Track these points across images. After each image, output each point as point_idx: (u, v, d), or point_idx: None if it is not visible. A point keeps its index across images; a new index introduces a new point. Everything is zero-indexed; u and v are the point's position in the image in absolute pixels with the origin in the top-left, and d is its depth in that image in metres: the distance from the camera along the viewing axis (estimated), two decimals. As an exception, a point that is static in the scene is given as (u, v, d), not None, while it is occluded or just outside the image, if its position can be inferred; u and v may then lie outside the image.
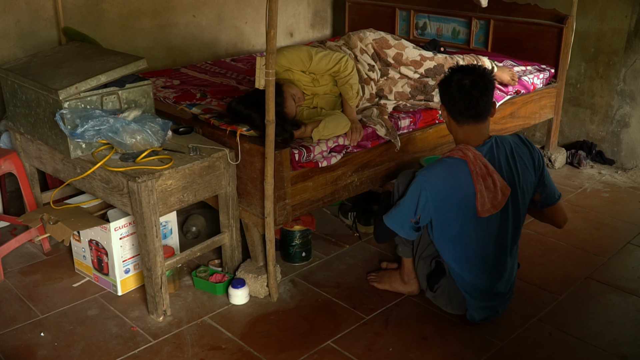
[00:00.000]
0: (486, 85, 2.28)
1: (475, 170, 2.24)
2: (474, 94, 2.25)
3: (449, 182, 2.26)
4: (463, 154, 2.26)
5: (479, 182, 2.23)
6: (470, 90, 2.26)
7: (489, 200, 2.25)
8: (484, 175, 2.24)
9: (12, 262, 2.91)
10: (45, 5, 3.46)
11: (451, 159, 2.29)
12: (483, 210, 2.25)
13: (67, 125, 2.41)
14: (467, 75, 2.28)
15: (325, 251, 3.04)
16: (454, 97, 2.29)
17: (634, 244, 3.10)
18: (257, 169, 2.51)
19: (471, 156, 2.25)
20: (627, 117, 3.96)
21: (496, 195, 2.25)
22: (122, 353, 2.31)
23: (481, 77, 2.28)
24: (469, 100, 2.26)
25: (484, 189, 2.24)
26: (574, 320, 2.52)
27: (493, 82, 2.32)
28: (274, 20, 2.16)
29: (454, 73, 2.32)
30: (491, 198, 2.25)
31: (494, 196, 2.25)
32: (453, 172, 2.26)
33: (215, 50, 4.34)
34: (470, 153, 2.26)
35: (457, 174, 2.26)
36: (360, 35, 3.15)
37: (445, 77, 2.35)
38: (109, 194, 2.46)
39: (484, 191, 2.24)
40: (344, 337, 2.41)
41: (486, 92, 2.28)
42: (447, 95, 2.33)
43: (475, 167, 2.24)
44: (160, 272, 2.43)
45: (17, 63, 2.78)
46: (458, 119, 2.32)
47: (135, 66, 2.58)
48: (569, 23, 3.72)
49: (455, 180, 2.26)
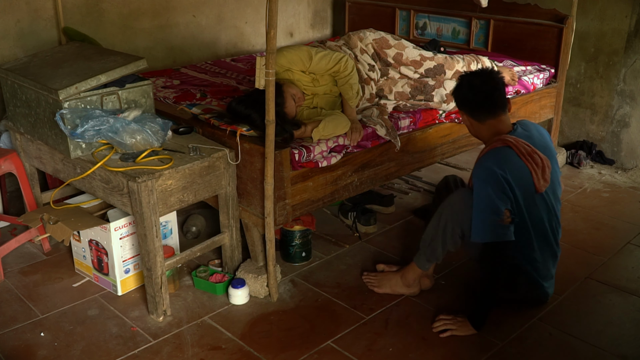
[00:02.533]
0: (495, 80, 2.41)
1: (521, 151, 2.33)
2: (486, 89, 2.39)
3: (505, 166, 2.31)
4: (503, 141, 2.36)
5: (529, 161, 2.33)
6: (481, 87, 2.39)
7: (541, 175, 2.35)
8: (530, 153, 2.34)
9: (12, 262, 2.91)
10: (45, 5, 3.46)
11: (496, 150, 2.36)
12: (540, 186, 2.35)
13: (67, 125, 2.41)
14: (476, 76, 2.44)
15: (325, 251, 3.04)
16: (469, 98, 2.43)
17: (634, 244, 3.10)
18: (257, 169, 2.51)
19: (512, 140, 2.35)
20: (627, 117, 3.96)
21: (544, 169, 2.36)
22: (122, 353, 2.31)
23: (489, 74, 2.43)
24: (483, 95, 2.39)
25: (535, 166, 2.34)
26: (574, 320, 2.52)
27: (502, 78, 2.45)
28: (274, 20, 2.16)
29: (464, 78, 2.46)
30: (541, 173, 2.35)
31: (542, 170, 2.36)
32: (504, 157, 2.33)
33: (215, 50, 4.34)
34: (509, 138, 2.36)
35: (508, 159, 2.33)
36: (360, 35, 3.15)
37: (457, 84, 2.49)
38: (109, 194, 2.46)
39: (536, 168, 2.34)
40: (344, 337, 2.41)
41: (497, 87, 2.41)
42: (463, 97, 2.46)
43: (520, 148, 2.33)
44: (160, 272, 2.43)
45: (17, 63, 2.78)
46: (479, 117, 2.43)
47: (135, 66, 2.58)
48: (569, 23, 3.72)
49: (509, 164, 2.32)
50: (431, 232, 2.52)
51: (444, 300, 2.64)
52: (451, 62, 3.20)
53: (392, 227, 3.28)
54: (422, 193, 3.70)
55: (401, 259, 2.96)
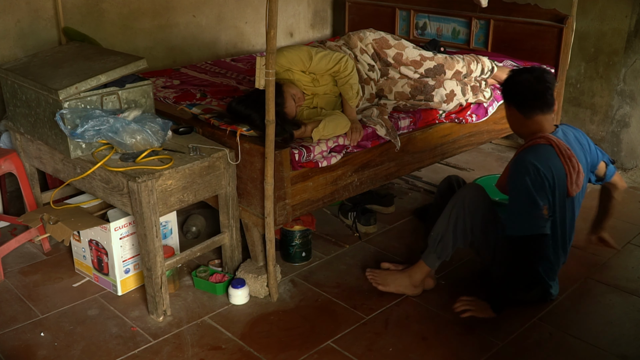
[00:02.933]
0: (549, 80, 2.43)
1: (562, 152, 2.35)
2: (540, 87, 2.40)
3: (546, 163, 2.33)
4: (547, 140, 2.37)
5: (567, 163, 2.35)
6: (536, 84, 2.40)
7: (575, 179, 2.37)
8: (569, 156, 2.36)
9: (12, 262, 2.91)
10: (45, 5, 3.46)
11: (538, 146, 2.38)
12: (572, 190, 2.37)
13: (67, 125, 2.41)
14: (531, 72, 2.45)
15: (325, 251, 3.04)
16: (521, 92, 2.43)
17: (634, 244, 3.10)
18: (257, 169, 2.51)
19: (554, 139, 2.37)
20: (627, 117, 3.96)
21: (579, 174, 2.38)
22: (122, 353, 2.31)
23: (543, 72, 2.44)
24: (536, 92, 2.40)
25: (572, 169, 2.36)
26: (574, 320, 2.52)
27: (554, 78, 2.49)
28: (274, 20, 2.16)
29: (518, 73, 2.48)
30: (576, 178, 2.37)
31: (577, 176, 2.38)
32: (545, 154, 2.35)
33: (215, 50, 4.34)
34: (552, 137, 2.38)
35: (549, 157, 2.35)
36: (360, 35, 3.15)
37: (510, 78, 2.49)
38: (109, 194, 2.46)
39: (572, 171, 2.36)
40: (344, 337, 2.41)
41: (550, 87, 2.42)
42: (514, 91, 2.46)
43: (561, 148, 2.35)
44: (160, 272, 2.43)
45: (17, 63, 2.78)
46: (527, 113, 2.43)
47: (135, 66, 2.58)
48: (569, 23, 3.72)
49: (550, 162, 2.34)
50: (441, 229, 2.53)
51: (444, 300, 2.64)
52: (451, 62, 3.20)
53: (392, 227, 3.28)
54: (422, 193, 3.70)
55: (401, 258, 2.96)
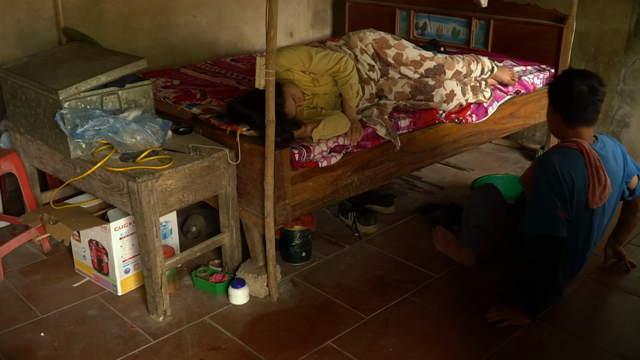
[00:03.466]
0: (603, 92, 2.34)
1: (590, 162, 2.29)
2: (592, 100, 2.31)
3: (569, 167, 2.28)
4: (578, 146, 2.31)
5: (593, 173, 2.30)
6: (589, 95, 2.31)
7: (598, 193, 2.31)
8: (597, 168, 2.30)
9: (12, 262, 2.91)
10: (45, 5, 3.46)
11: (568, 149, 2.33)
12: (593, 202, 2.32)
13: (67, 125, 2.41)
14: (585, 80, 2.32)
15: (325, 251, 3.04)
16: (571, 102, 2.33)
17: (634, 244, 3.10)
18: (257, 169, 2.51)
19: (587, 148, 2.31)
20: (627, 117, 3.96)
21: (604, 189, 2.32)
22: (122, 353, 2.31)
23: (598, 83, 2.33)
24: (586, 106, 2.31)
25: (596, 181, 2.30)
26: (574, 320, 2.52)
27: (605, 89, 2.36)
28: (274, 20, 2.16)
29: (572, 77, 2.35)
30: (599, 191, 2.31)
31: (602, 190, 2.32)
32: (572, 160, 2.30)
33: (215, 50, 4.34)
34: (585, 145, 2.31)
35: (574, 162, 2.30)
36: (360, 35, 3.15)
37: (562, 80, 2.38)
38: (109, 194, 2.46)
39: (596, 183, 2.30)
40: (344, 337, 2.41)
41: (602, 99, 2.34)
42: (563, 98, 2.37)
43: (590, 158, 2.30)
44: (160, 272, 2.43)
45: (17, 63, 2.78)
46: (571, 122, 2.37)
47: (135, 66, 2.58)
48: (569, 23, 3.72)
49: (574, 167, 2.29)
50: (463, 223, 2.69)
51: (444, 300, 2.64)
52: (451, 62, 3.20)
53: (392, 227, 3.28)
54: (422, 193, 3.70)
55: (401, 258, 2.96)
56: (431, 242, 3.01)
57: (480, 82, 3.34)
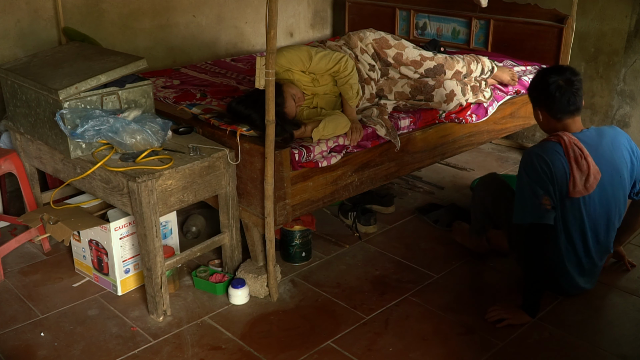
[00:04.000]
0: (579, 81, 2.45)
1: (569, 153, 2.37)
2: (571, 90, 2.42)
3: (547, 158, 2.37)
4: (557, 138, 2.42)
5: (572, 164, 2.36)
6: (567, 87, 2.42)
7: (581, 182, 2.37)
8: (577, 158, 2.37)
9: (12, 262, 2.91)
10: (45, 5, 3.46)
11: (547, 142, 2.44)
12: (574, 191, 2.37)
13: (67, 125, 2.41)
14: (559, 74, 2.44)
15: (325, 251, 3.04)
16: (553, 98, 2.44)
17: (634, 244, 3.10)
18: (257, 169, 2.51)
19: (566, 139, 2.39)
20: (627, 117, 3.96)
21: (588, 177, 2.37)
22: (122, 353, 2.31)
23: (572, 74, 2.45)
24: (568, 97, 2.42)
25: (577, 171, 2.36)
26: (574, 320, 2.52)
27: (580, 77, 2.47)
28: (274, 20, 2.16)
29: (547, 75, 2.46)
30: (583, 180, 2.37)
31: (586, 179, 2.37)
32: (550, 150, 2.39)
33: (215, 50, 4.34)
34: (565, 137, 2.40)
35: (553, 153, 2.38)
36: (361, 35, 3.15)
37: (539, 81, 2.50)
38: (109, 194, 2.46)
39: (577, 173, 2.36)
40: (344, 337, 2.41)
41: (580, 87, 2.45)
42: (545, 97, 2.47)
43: (569, 149, 2.37)
44: (160, 272, 2.43)
45: (17, 63, 2.78)
46: (558, 117, 2.47)
47: (135, 66, 2.58)
48: (569, 23, 3.72)
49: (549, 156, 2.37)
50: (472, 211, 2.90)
51: (444, 300, 2.64)
52: (451, 62, 3.20)
53: (392, 227, 3.28)
54: (422, 193, 3.70)
55: (401, 258, 2.96)
56: (431, 242, 3.05)
57: (480, 82, 3.34)
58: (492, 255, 2.97)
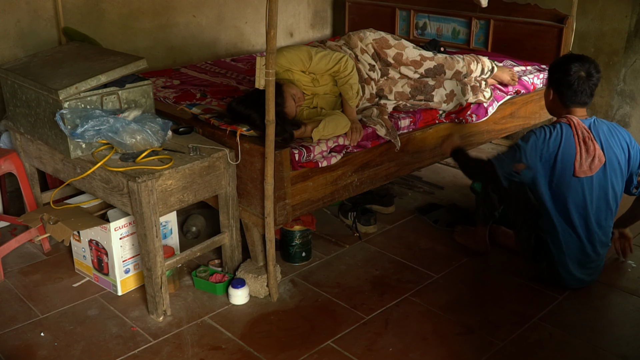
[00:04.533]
0: (598, 77, 2.57)
1: (577, 133, 2.51)
2: (589, 84, 2.55)
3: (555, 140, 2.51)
4: (567, 120, 2.56)
5: (580, 144, 2.50)
6: (586, 80, 2.55)
7: (587, 162, 2.50)
8: (585, 139, 2.51)
9: (12, 262, 2.91)
10: (45, 5, 3.46)
11: (558, 124, 2.56)
12: (580, 171, 2.50)
13: (67, 125, 2.41)
14: (583, 65, 2.55)
15: (325, 251, 3.04)
16: (570, 86, 2.56)
17: (634, 244, 3.09)
18: (257, 169, 2.51)
19: (575, 121, 2.54)
20: (627, 117, 3.96)
21: (593, 159, 2.51)
22: (122, 353, 2.31)
23: (595, 70, 2.56)
24: (584, 89, 2.55)
25: (585, 151, 2.50)
26: (573, 320, 2.52)
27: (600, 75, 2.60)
28: (274, 20, 2.16)
29: (572, 61, 2.57)
30: (589, 161, 2.51)
31: (591, 160, 2.51)
32: (559, 132, 2.52)
33: (215, 50, 4.34)
34: (574, 119, 2.55)
35: (562, 134, 2.52)
36: (361, 35, 3.14)
37: (562, 64, 2.60)
38: (109, 194, 2.46)
39: (584, 153, 2.50)
40: (344, 337, 2.41)
41: (596, 84, 2.58)
42: (563, 82, 2.58)
43: (578, 130, 2.52)
44: (160, 272, 2.43)
45: (17, 63, 2.78)
46: (567, 103, 2.60)
47: (135, 66, 2.58)
48: (569, 23, 3.72)
49: (561, 139, 2.51)
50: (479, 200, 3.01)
51: (444, 300, 2.64)
52: (451, 62, 3.20)
53: (392, 227, 3.28)
54: (422, 193, 3.70)
55: (401, 258, 2.97)
56: (431, 242, 3.07)
57: (480, 82, 3.34)
58: (492, 255, 2.98)
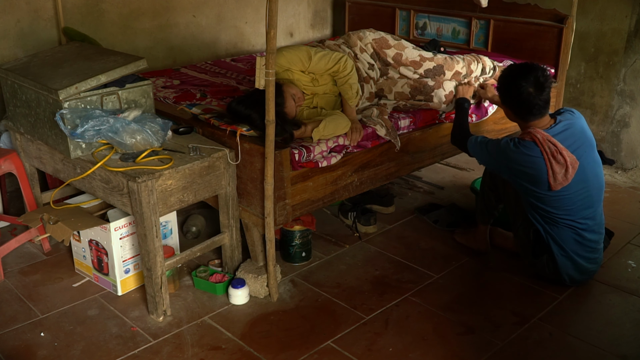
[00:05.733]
0: (548, 81, 2.50)
1: (545, 150, 2.46)
2: (540, 97, 2.49)
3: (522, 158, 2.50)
4: (531, 137, 2.49)
5: (550, 161, 2.46)
6: (537, 94, 2.49)
7: (561, 175, 2.48)
8: (554, 153, 2.47)
9: (12, 262, 2.91)
10: (45, 5, 3.46)
11: (522, 141, 2.51)
12: (556, 184, 2.49)
13: (67, 125, 2.41)
14: (528, 79, 2.48)
15: (325, 251, 3.04)
16: (521, 104, 2.53)
17: (634, 244, 3.10)
18: (257, 169, 2.51)
19: (540, 137, 2.47)
20: (627, 117, 3.96)
21: (567, 169, 2.48)
22: (122, 353, 2.31)
23: (543, 76, 2.50)
24: (536, 103, 2.50)
25: (556, 165, 2.47)
26: (574, 320, 2.52)
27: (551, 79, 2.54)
28: (274, 20, 2.16)
29: (517, 79, 2.51)
30: (562, 173, 2.48)
31: (565, 171, 2.48)
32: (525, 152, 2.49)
33: (215, 50, 4.34)
34: (539, 135, 2.48)
35: (529, 154, 2.48)
36: (360, 35, 3.15)
37: (509, 83, 2.55)
38: (109, 194, 2.46)
39: (556, 167, 2.47)
40: (344, 337, 2.41)
41: (550, 86, 2.51)
42: (513, 100, 2.56)
43: (544, 146, 2.46)
44: (160, 272, 2.43)
45: (17, 63, 2.78)
46: (525, 118, 2.56)
47: (135, 66, 2.58)
48: (569, 23, 3.72)
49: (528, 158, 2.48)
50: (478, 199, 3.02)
51: (444, 300, 2.64)
52: (451, 63, 3.20)
53: (392, 227, 3.28)
54: (422, 193, 3.70)
55: (401, 258, 2.97)
56: (431, 242, 3.08)
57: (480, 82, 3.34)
58: (492, 255, 2.98)
